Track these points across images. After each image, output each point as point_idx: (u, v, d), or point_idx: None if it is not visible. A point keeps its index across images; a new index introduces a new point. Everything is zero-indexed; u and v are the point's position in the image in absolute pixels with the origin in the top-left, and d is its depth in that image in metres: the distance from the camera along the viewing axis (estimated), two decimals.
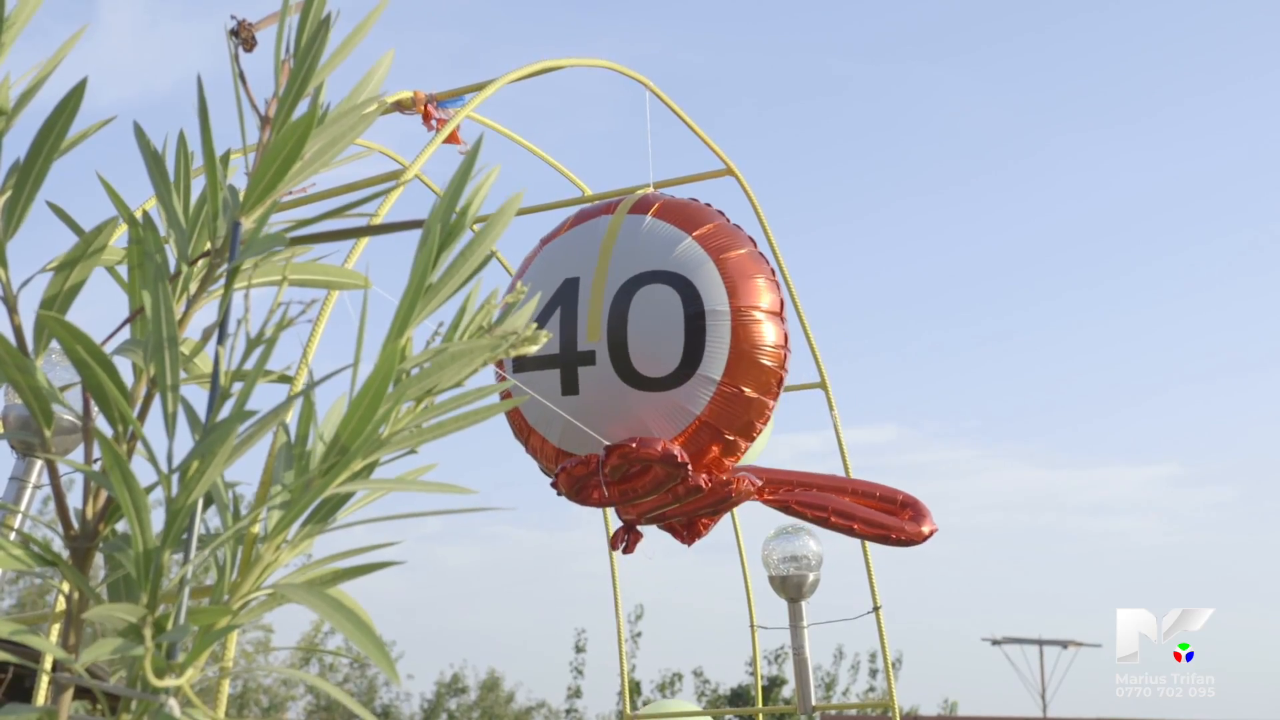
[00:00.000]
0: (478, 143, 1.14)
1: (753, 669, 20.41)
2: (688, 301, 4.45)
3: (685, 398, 4.44)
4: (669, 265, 4.52)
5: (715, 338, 4.43)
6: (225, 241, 1.16)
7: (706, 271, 4.48)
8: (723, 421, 4.49)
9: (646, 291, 4.51)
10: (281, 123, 1.12)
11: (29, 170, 1.12)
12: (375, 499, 1.25)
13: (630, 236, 4.64)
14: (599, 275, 4.59)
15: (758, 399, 4.51)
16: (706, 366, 4.43)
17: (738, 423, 4.51)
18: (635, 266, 4.56)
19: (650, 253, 4.57)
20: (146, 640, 1.05)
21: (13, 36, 1.09)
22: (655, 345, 4.46)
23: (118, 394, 1.12)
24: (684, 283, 4.48)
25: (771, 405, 4.57)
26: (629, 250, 4.61)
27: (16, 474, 3.22)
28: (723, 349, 4.44)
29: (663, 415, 4.46)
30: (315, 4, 1.10)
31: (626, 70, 5.58)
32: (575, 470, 4.48)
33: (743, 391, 4.47)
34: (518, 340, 1.20)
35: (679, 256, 4.52)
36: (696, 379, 4.43)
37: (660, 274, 4.51)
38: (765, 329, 4.51)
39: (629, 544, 4.75)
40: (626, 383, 4.48)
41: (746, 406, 4.50)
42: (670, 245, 4.56)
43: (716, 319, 4.44)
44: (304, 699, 20.10)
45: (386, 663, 1.04)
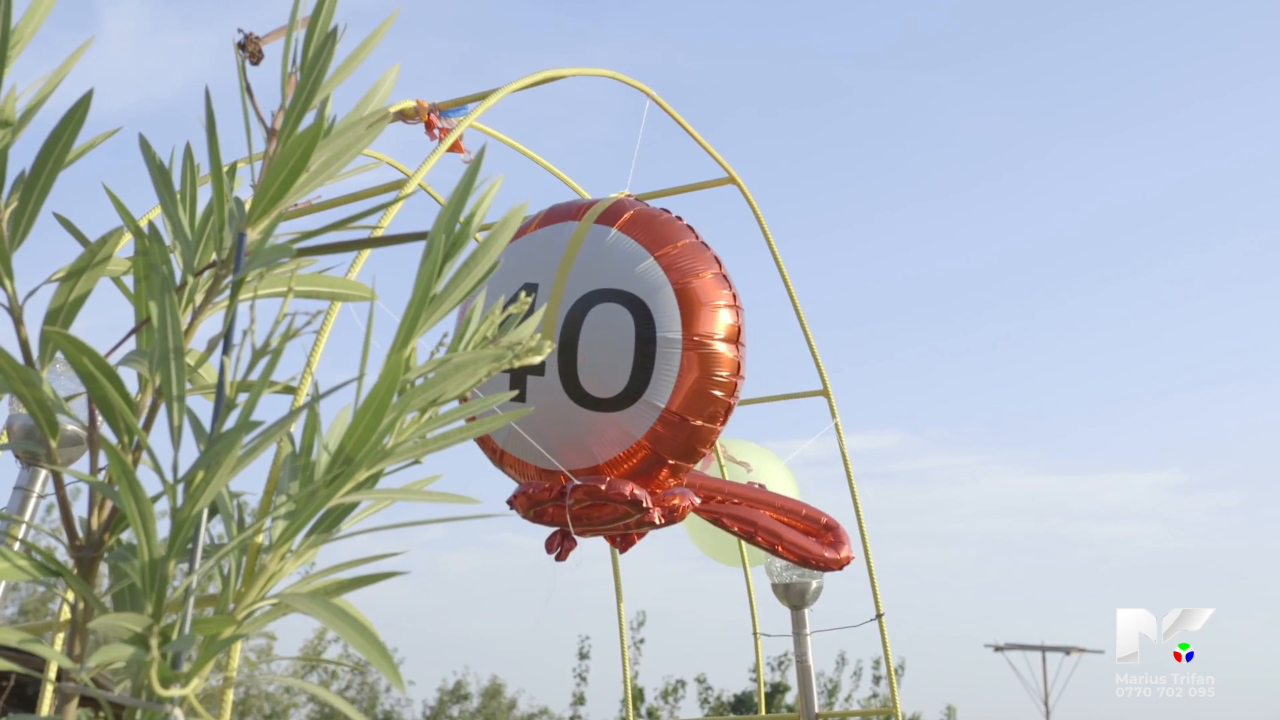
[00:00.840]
0: (481, 153, 1.14)
1: (755, 676, 20.28)
2: (640, 325, 4.41)
3: (628, 421, 4.43)
4: (626, 285, 4.47)
5: (664, 365, 4.40)
6: (231, 253, 1.17)
7: (663, 296, 4.43)
8: (665, 447, 4.47)
9: (601, 310, 4.47)
10: (288, 135, 1.13)
11: (35, 181, 1.12)
12: (380, 509, 1.25)
13: (592, 248, 4.59)
14: (557, 285, 4.55)
15: (703, 426, 4.49)
16: (652, 393, 4.40)
17: (681, 448, 4.50)
18: (593, 282, 4.52)
19: (610, 269, 4.53)
20: (153, 649, 1.06)
21: (19, 50, 1.09)
22: (603, 366, 4.43)
23: (124, 405, 1.12)
24: (639, 305, 4.43)
25: (718, 430, 4.56)
26: (589, 263, 4.56)
27: (20, 484, 3.23)
28: (670, 377, 4.40)
29: (604, 435, 4.46)
30: (322, 17, 1.11)
31: (628, 79, 5.59)
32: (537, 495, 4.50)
33: (687, 420, 4.45)
34: (522, 351, 1.21)
35: (637, 276, 4.47)
36: (641, 404, 4.41)
37: (616, 293, 4.48)
38: (718, 359, 4.47)
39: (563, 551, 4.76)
40: (572, 399, 4.46)
41: (691, 434, 4.48)
42: (630, 264, 4.50)
43: (668, 346, 4.40)
44: (305, 707, 20.09)
45: (392, 671, 1.05)
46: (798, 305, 6.25)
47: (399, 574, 1.22)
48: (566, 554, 4.75)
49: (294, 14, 1.12)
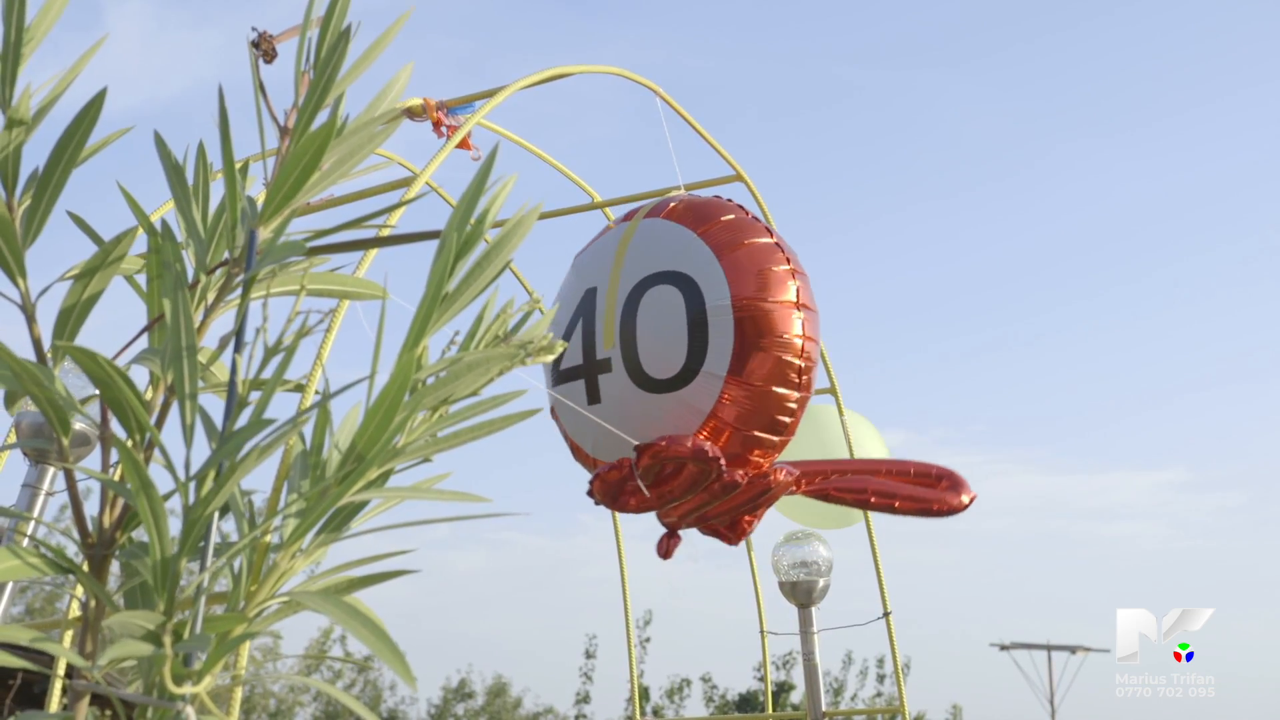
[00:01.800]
0: (493, 152, 1.14)
1: (760, 674, 20.19)
2: (690, 299, 4.39)
3: (694, 396, 4.37)
4: (673, 265, 4.47)
5: (718, 333, 4.34)
6: (243, 251, 1.17)
7: (709, 267, 4.40)
8: (739, 418, 4.38)
9: (654, 293, 4.47)
10: (301, 133, 1.13)
11: (48, 179, 1.12)
12: (390, 507, 1.25)
13: (642, 240, 4.62)
14: (613, 282, 4.56)
15: (774, 391, 4.37)
16: (711, 363, 4.34)
17: (758, 418, 4.38)
18: (644, 269, 4.53)
19: (658, 254, 4.54)
20: (167, 647, 1.06)
21: (32, 49, 1.10)
22: (662, 346, 4.41)
23: (136, 404, 1.12)
24: (686, 281, 4.42)
25: (795, 397, 4.42)
26: (640, 254, 4.58)
27: (29, 481, 3.22)
28: (726, 344, 4.33)
29: (676, 416, 4.40)
30: (336, 16, 1.11)
31: (636, 77, 5.59)
32: (609, 476, 4.43)
33: (754, 385, 4.35)
34: (534, 349, 1.21)
35: (683, 254, 4.47)
36: (703, 376, 4.35)
37: (665, 274, 4.47)
38: (773, 319, 4.37)
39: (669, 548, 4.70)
40: (640, 387, 4.43)
41: (763, 400, 4.37)
42: (676, 244, 4.52)
43: (719, 314, 4.34)
44: (310, 705, 20.10)
45: (404, 669, 1.05)
46: None
47: (409, 572, 1.22)
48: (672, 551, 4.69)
49: (308, 13, 1.12)
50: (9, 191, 1.13)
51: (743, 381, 4.34)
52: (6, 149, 1.12)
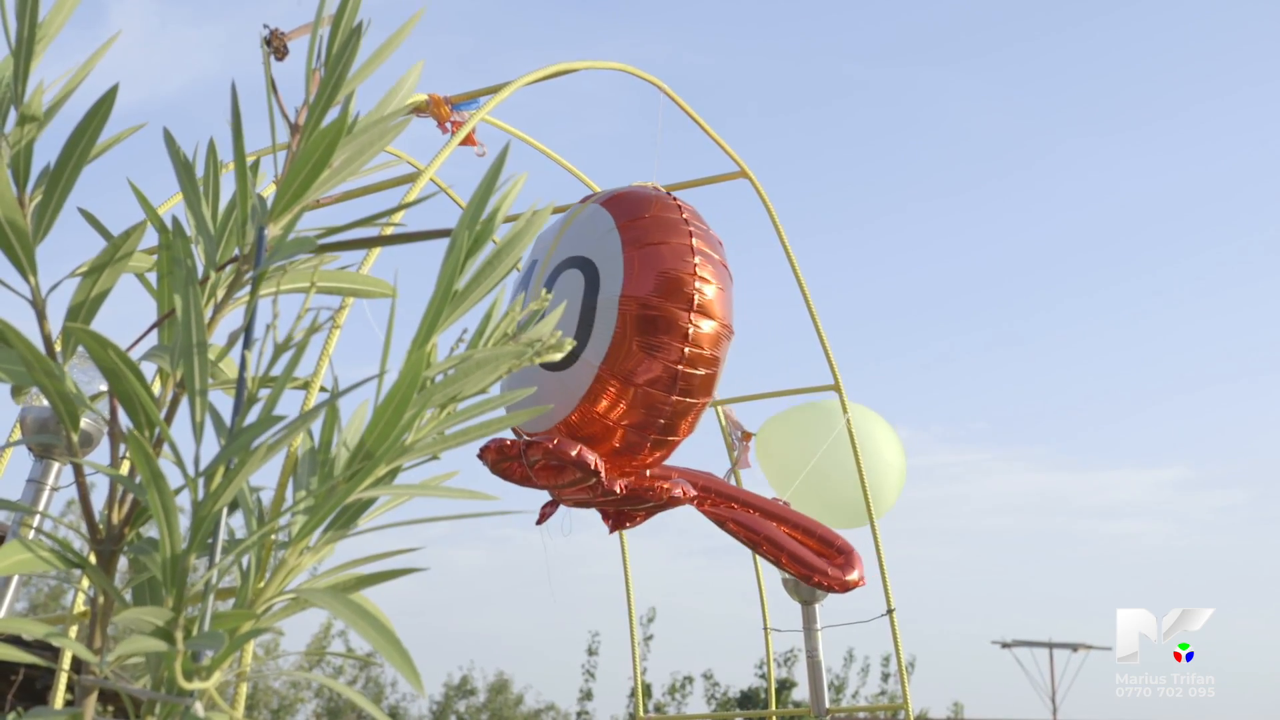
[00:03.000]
0: (504, 151, 1.14)
1: (762, 671, 20.13)
2: (589, 287, 4.46)
3: (571, 380, 4.45)
4: (588, 251, 4.55)
5: (602, 324, 4.39)
6: (253, 248, 1.17)
7: (613, 260, 4.45)
8: (609, 411, 4.43)
9: (566, 275, 4.57)
10: (311, 131, 1.13)
11: (59, 175, 1.13)
12: (397, 505, 1.26)
13: (578, 223, 4.71)
14: (546, 259, 4.69)
15: (653, 394, 4.39)
16: (590, 352, 4.40)
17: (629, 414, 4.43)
18: (569, 250, 4.64)
19: (583, 238, 4.63)
20: (178, 643, 1.06)
21: (44, 46, 1.10)
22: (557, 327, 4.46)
23: (147, 399, 1.12)
24: (591, 268, 4.50)
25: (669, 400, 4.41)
26: (571, 236, 4.68)
27: (34, 476, 3.22)
28: (606, 336, 4.38)
29: (555, 395, 4.48)
30: (347, 13, 1.11)
31: (641, 73, 5.59)
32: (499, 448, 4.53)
33: (630, 382, 4.38)
34: (542, 347, 1.21)
35: (599, 243, 4.54)
36: (581, 363, 4.42)
37: (579, 259, 4.57)
38: (662, 323, 4.37)
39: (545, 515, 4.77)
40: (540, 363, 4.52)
41: (635, 399, 4.40)
42: (598, 232, 4.58)
43: (607, 306, 4.40)
44: (312, 702, 20.12)
45: (409, 668, 1.05)
46: (810, 301, 6.25)
47: (416, 570, 1.22)
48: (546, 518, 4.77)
49: (320, 11, 1.12)
50: (20, 188, 1.14)
51: (615, 376, 4.39)
52: (19, 145, 1.12)
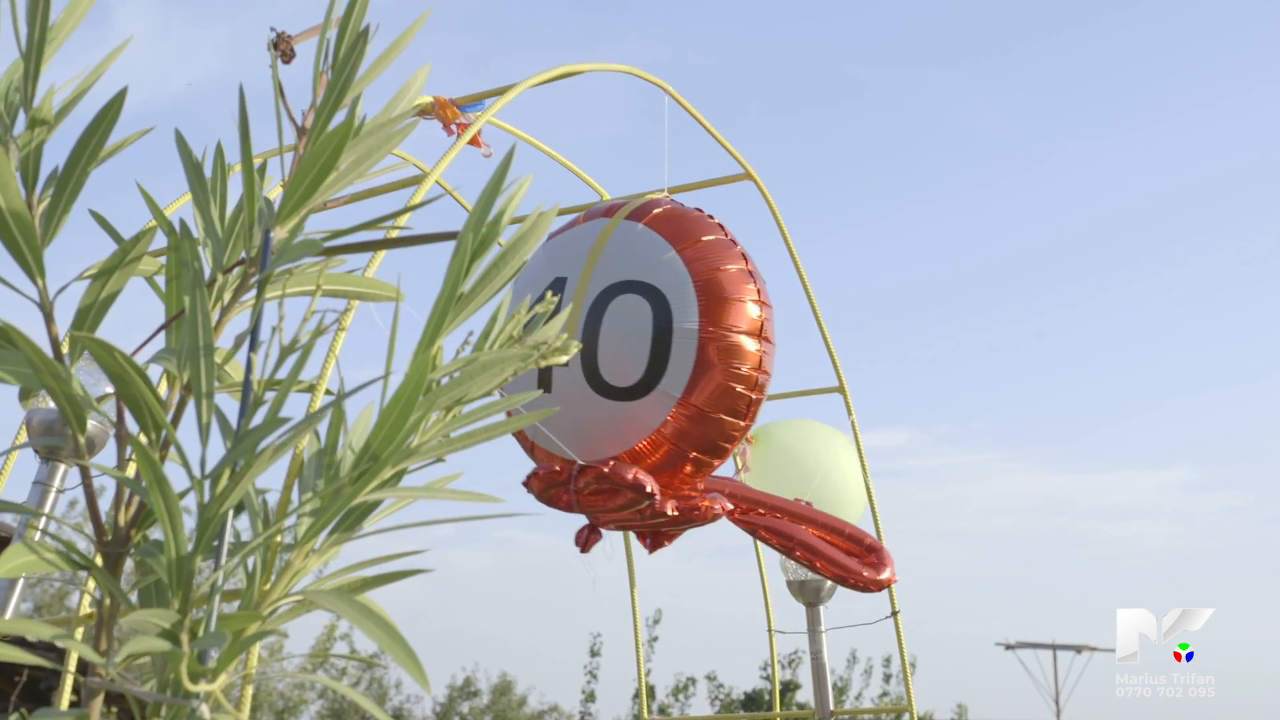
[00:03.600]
0: (510, 153, 1.14)
1: (765, 673, 20.08)
2: (658, 315, 4.43)
3: (644, 410, 4.44)
4: (647, 276, 4.51)
5: (680, 355, 4.40)
6: (259, 251, 1.17)
7: (683, 288, 4.45)
8: (685, 439, 4.47)
9: (622, 300, 4.50)
10: (318, 133, 1.13)
11: (68, 178, 1.13)
12: (402, 507, 1.26)
13: (619, 242, 4.63)
14: (584, 277, 4.60)
15: (723, 420, 4.47)
16: (668, 383, 4.40)
17: (702, 441, 4.48)
18: (617, 274, 4.56)
19: (633, 261, 4.57)
20: (184, 645, 1.06)
21: (55, 49, 1.10)
22: (622, 355, 4.45)
23: (153, 402, 1.13)
24: (658, 296, 4.46)
25: (740, 426, 4.52)
26: (615, 256, 4.60)
27: (40, 478, 3.23)
28: (686, 367, 4.40)
29: (623, 425, 4.47)
30: (354, 17, 1.11)
31: (646, 75, 5.59)
32: (549, 476, 4.51)
33: (705, 412, 4.43)
34: (548, 350, 1.21)
35: (658, 269, 4.50)
36: (657, 393, 4.42)
37: (637, 284, 4.51)
38: (737, 351, 4.45)
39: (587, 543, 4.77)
40: (593, 388, 4.48)
41: (710, 425, 4.46)
42: (653, 256, 4.54)
43: (684, 337, 4.41)
44: (316, 704, 20.13)
45: (418, 670, 1.05)
46: (814, 302, 6.25)
47: (421, 572, 1.22)
48: (590, 546, 4.75)
49: (328, 14, 1.12)
50: (29, 190, 1.14)
51: (694, 405, 4.42)
52: (28, 147, 1.12)
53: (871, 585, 4.74)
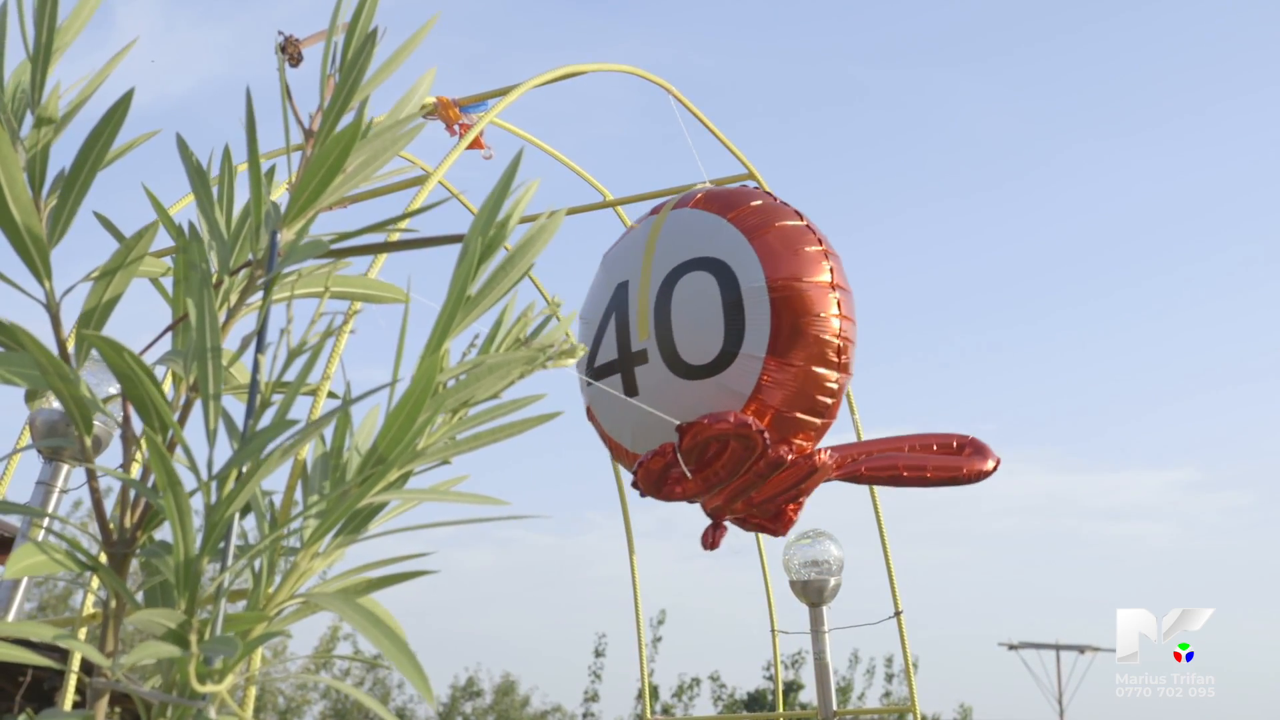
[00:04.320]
0: (517, 156, 1.14)
1: (768, 673, 20.03)
2: (725, 284, 4.36)
3: (733, 379, 4.34)
4: (706, 250, 4.45)
5: (755, 315, 4.30)
6: (266, 253, 1.17)
7: (742, 251, 4.38)
8: (781, 400, 4.35)
9: (687, 280, 4.46)
10: (325, 136, 1.13)
11: (74, 180, 1.13)
12: (407, 509, 1.26)
13: (671, 230, 4.61)
14: (644, 274, 4.56)
15: (814, 371, 4.34)
16: (749, 345, 4.30)
17: (800, 400, 4.36)
18: (676, 258, 4.52)
19: (689, 242, 4.53)
20: (192, 646, 1.06)
21: (63, 50, 1.10)
22: (698, 332, 4.39)
23: (160, 402, 1.13)
24: (719, 265, 4.39)
25: (834, 377, 4.38)
26: (670, 243, 4.57)
27: (44, 479, 3.22)
28: (764, 325, 4.29)
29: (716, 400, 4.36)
30: (362, 20, 1.11)
31: (650, 75, 5.59)
32: (652, 464, 4.42)
33: (795, 365, 4.31)
34: (555, 353, 1.21)
35: (714, 240, 4.45)
36: (742, 358, 4.31)
37: (698, 260, 4.46)
38: (810, 299, 4.33)
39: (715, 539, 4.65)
40: (677, 374, 4.41)
41: (804, 380, 4.34)
42: (708, 231, 4.49)
43: (755, 296, 4.31)
44: (319, 704, 20.14)
45: (419, 679, 1.05)
46: None
47: (426, 573, 1.22)
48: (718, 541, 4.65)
49: (335, 16, 1.12)
50: (36, 191, 1.14)
51: (783, 362, 4.30)
52: (35, 149, 1.12)
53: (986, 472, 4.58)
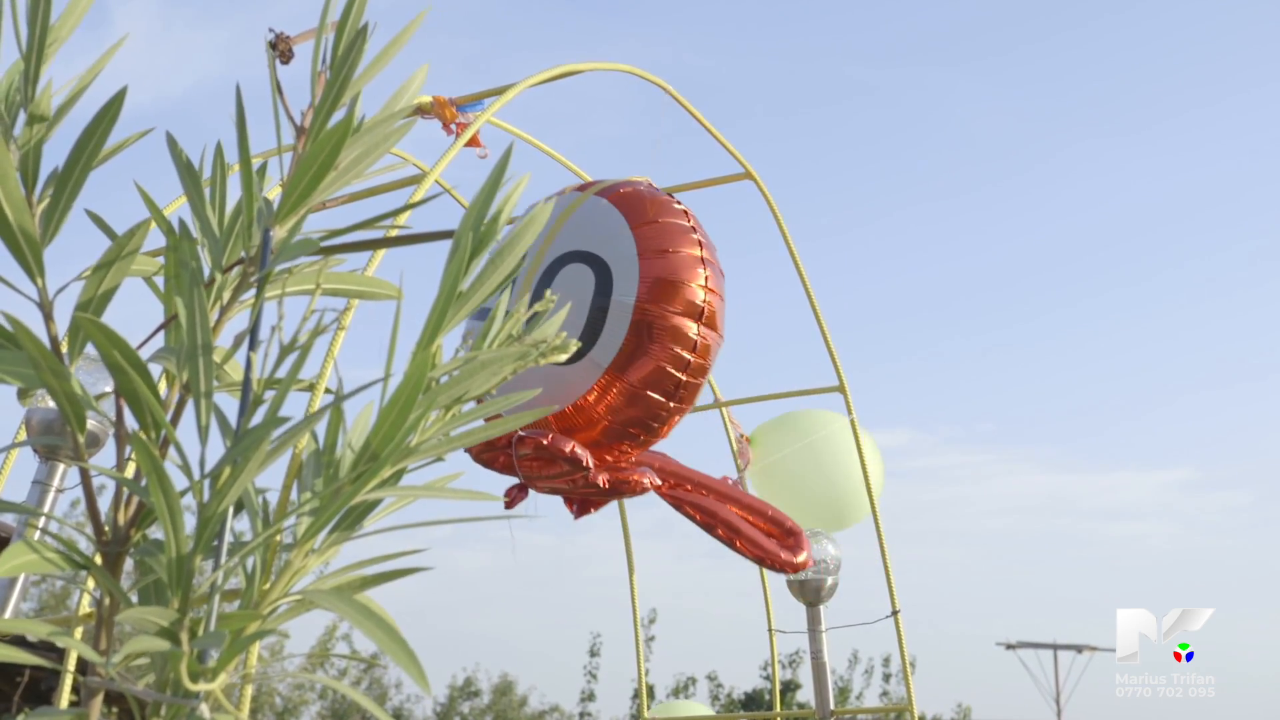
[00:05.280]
0: (507, 152, 1.14)
1: (765, 673, 20.03)
2: (600, 286, 4.47)
3: (574, 376, 4.49)
4: (597, 248, 4.54)
5: (613, 327, 4.42)
6: (258, 250, 1.17)
7: (627, 263, 4.47)
8: (609, 410, 4.51)
9: (570, 269, 4.56)
10: (316, 132, 1.13)
11: (67, 178, 1.13)
12: (401, 506, 1.26)
13: (582, 215, 4.68)
14: (544, 248, 4.66)
15: (648, 395, 4.47)
16: (598, 353, 4.44)
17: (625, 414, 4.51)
18: (571, 244, 4.62)
19: (588, 233, 4.61)
20: (184, 644, 1.06)
21: (56, 48, 1.10)
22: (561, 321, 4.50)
23: (152, 399, 1.13)
24: (602, 267, 4.50)
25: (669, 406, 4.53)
26: (574, 228, 4.66)
27: (39, 478, 3.23)
28: (617, 340, 4.42)
29: (554, 389, 4.52)
30: (352, 16, 1.11)
31: (647, 74, 5.59)
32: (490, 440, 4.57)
33: (633, 386, 4.46)
34: (546, 348, 1.21)
35: (609, 241, 4.53)
36: (586, 361, 4.46)
37: (585, 254, 4.56)
38: (670, 332, 4.44)
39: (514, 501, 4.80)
40: None
41: (634, 400, 4.48)
42: (608, 231, 4.57)
43: (620, 310, 4.42)
44: (316, 704, 20.13)
45: (417, 671, 1.05)
46: (814, 302, 6.24)
47: (420, 570, 1.23)
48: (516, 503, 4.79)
49: (325, 13, 1.13)
50: (29, 190, 1.14)
51: (621, 378, 4.45)
52: (27, 147, 1.12)
53: (788, 567, 4.77)
